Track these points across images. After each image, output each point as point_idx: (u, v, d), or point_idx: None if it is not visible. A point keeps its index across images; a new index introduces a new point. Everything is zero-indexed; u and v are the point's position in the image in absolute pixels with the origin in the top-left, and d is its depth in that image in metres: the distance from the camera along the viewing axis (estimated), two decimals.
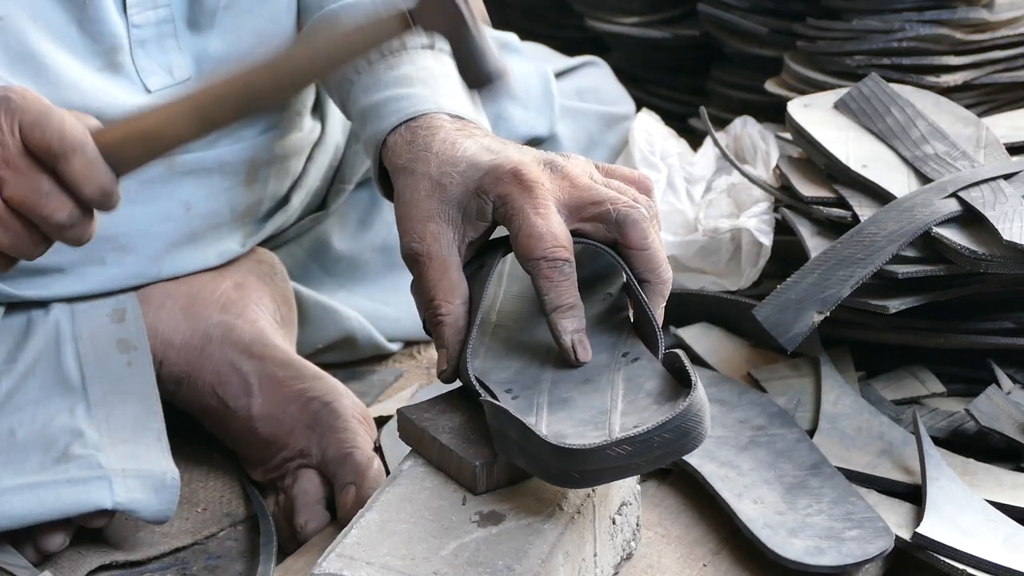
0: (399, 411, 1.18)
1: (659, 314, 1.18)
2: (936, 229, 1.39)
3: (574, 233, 1.16)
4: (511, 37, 1.78)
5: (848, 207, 1.48)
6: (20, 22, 1.32)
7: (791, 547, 1.20)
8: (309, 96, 1.56)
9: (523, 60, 1.74)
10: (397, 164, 1.24)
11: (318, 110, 1.59)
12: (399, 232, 1.21)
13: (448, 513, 1.09)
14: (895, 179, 1.50)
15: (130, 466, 1.29)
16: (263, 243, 1.55)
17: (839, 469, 1.30)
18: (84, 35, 1.36)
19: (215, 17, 1.42)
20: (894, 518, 1.25)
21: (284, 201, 1.56)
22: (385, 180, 1.28)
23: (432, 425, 1.15)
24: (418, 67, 1.31)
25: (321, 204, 1.63)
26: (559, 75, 1.78)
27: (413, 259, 1.19)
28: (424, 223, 1.19)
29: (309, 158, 1.56)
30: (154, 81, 1.40)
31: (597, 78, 1.83)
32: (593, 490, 1.12)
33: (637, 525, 1.22)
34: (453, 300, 1.17)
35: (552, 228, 1.14)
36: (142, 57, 1.39)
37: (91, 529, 1.31)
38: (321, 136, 1.58)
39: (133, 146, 1.16)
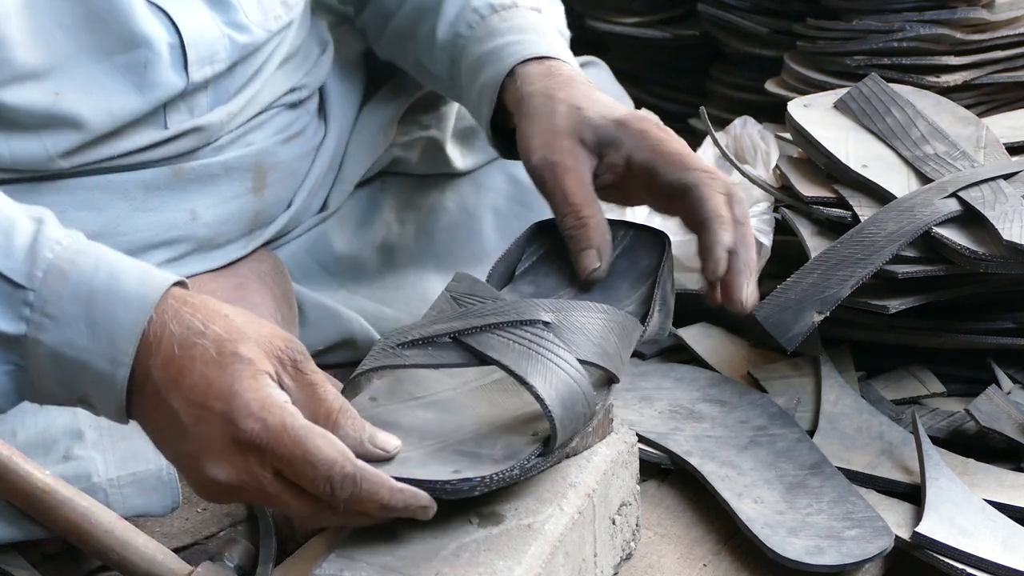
0: None
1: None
2: (936, 229, 1.39)
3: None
4: None
5: (848, 207, 1.48)
6: (72, 95, 1.30)
7: (791, 546, 1.20)
8: (314, 99, 1.56)
9: None
10: (530, 91, 1.32)
11: (322, 111, 1.59)
12: (530, 148, 1.29)
13: (448, 513, 1.09)
14: (895, 179, 1.50)
15: (126, 471, 1.29)
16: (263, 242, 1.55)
17: (839, 469, 1.30)
18: (145, 102, 1.33)
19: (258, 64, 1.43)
20: (894, 518, 1.25)
21: (287, 204, 1.55)
22: (497, 125, 1.37)
23: None
24: (530, 21, 1.41)
25: (322, 205, 1.63)
26: None
27: (550, 169, 1.28)
28: (562, 139, 1.28)
29: (312, 160, 1.56)
30: (174, 119, 1.38)
31: (597, 79, 1.81)
32: (593, 490, 1.13)
33: (637, 525, 1.22)
34: (593, 205, 1.27)
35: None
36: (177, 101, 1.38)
37: None
38: (324, 137, 1.57)
39: None
